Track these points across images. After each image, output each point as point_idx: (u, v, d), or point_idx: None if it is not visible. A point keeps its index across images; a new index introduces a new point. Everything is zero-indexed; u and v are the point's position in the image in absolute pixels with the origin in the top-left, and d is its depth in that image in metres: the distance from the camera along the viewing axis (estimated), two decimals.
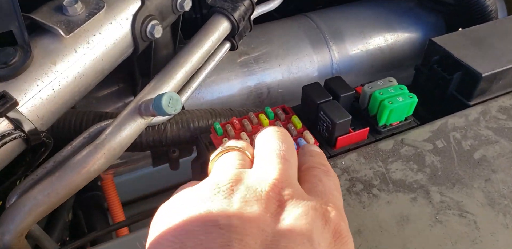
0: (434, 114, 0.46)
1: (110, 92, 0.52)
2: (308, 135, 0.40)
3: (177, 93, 0.37)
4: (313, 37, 0.56)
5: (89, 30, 0.37)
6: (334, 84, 0.42)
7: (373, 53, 0.58)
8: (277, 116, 0.43)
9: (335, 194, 0.26)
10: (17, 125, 0.33)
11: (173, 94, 0.35)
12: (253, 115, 0.43)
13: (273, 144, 0.27)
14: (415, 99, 0.41)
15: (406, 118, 0.43)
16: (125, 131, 0.37)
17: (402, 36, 0.60)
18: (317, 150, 0.30)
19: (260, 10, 0.50)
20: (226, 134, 0.42)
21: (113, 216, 0.62)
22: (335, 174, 0.27)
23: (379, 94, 0.41)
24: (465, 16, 0.60)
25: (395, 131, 0.43)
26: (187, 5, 0.43)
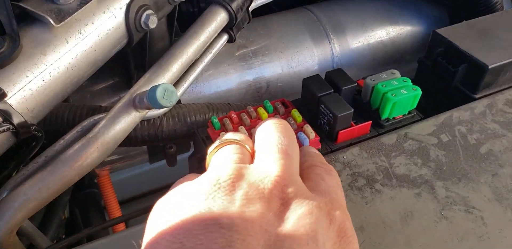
0: (437, 108, 0.44)
1: (105, 87, 0.50)
2: (308, 128, 0.39)
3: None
4: (313, 30, 0.54)
5: (81, 19, 0.35)
6: (335, 76, 0.41)
7: (374, 47, 0.57)
8: (276, 110, 0.42)
9: (338, 192, 0.25)
10: (5, 117, 0.32)
11: (168, 86, 0.34)
12: (251, 109, 0.42)
13: (274, 137, 0.26)
14: (419, 92, 0.40)
15: (409, 112, 0.42)
16: (119, 124, 0.36)
17: (404, 29, 0.58)
18: (315, 151, 0.29)
19: (258, 1, 0.49)
20: (223, 128, 0.41)
21: (110, 213, 0.61)
22: (336, 173, 0.27)
23: (382, 86, 0.40)
24: (469, 8, 0.58)
25: (398, 124, 0.41)
26: None
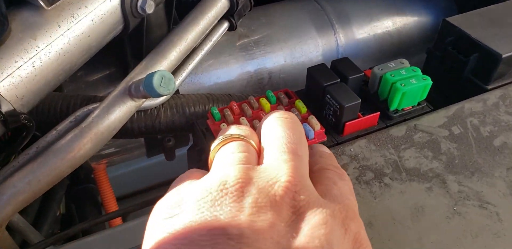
0: (447, 100, 0.42)
1: (100, 77, 0.48)
2: (313, 120, 0.37)
3: None
4: (317, 20, 0.52)
5: (74, 2, 0.33)
6: (341, 65, 0.39)
7: (381, 37, 0.55)
8: (279, 100, 0.40)
9: (351, 198, 0.23)
10: None
11: (165, 73, 0.32)
12: (253, 100, 0.40)
13: (282, 135, 0.23)
14: (429, 82, 0.38)
15: (419, 103, 0.40)
16: (114, 113, 0.34)
17: (411, 19, 0.56)
18: (327, 151, 0.27)
19: None
20: (224, 119, 0.39)
21: (107, 209, 0.60)
22: (349, 178, 0.25)
23: (391, 76, 0.38)
24: None
25: (407, 116, 0.39)
26: None
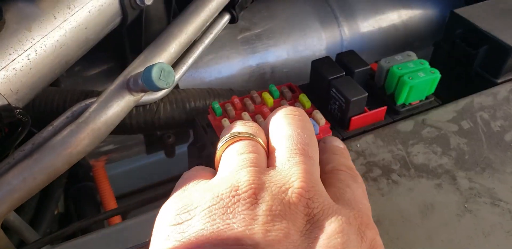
0: (455, 95, 0.41)
1: (99, 72, 0.47)
2: (318, 115, 0.36)
3: None
4: (321, 12, 0.51)
5: None
6: (347, 58, 0.38)
7: (386, 31, 0.53)
8: (282, 95, 0.39)
9: (365, 202, 0.22)
10: None
11: (165, 65, 0.31)
12: (256, 94, 0.39)
13: (292, 134, 0.22)
14: (437, 75, 0.37)
15: (427, 97, 0.39)
16: (112, 108, 0.33)
17: (417, 11, 0.55)
18: (340, 145, 0.26)
19: None
20: (225, 114, 0.38)
21: (106, 207, 0.58)
22: (362, 181, 0.24)
23: (398, 69, 0.37)
24: None
25: (415, 111, 0.38)
26: None
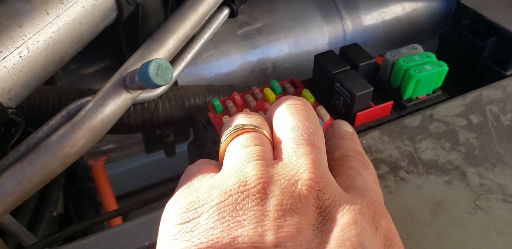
0: (462, 88, 0.40)
1: (95, 70, 0.46)
2: (322, 110, 0.35)
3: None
4: (323, 6, 0.50)
5: None
6: (351, 52, 0.37)
7: (389, 24, 0.52)
8: (285, 90, 0.38)
9: (377, 190, 0.21)
10: None
11: (162, 61, 0.30)
12: (257, 90, 0.38)
13: (296, 124, 0.21)
14: (445, 68, 0.36)
15: (434, 91, 0.38)
16: (108, 106, 0.32)
17: (421, 3, 0.54)
18: (349, 129, 0.25)
19: None
20: (226, 112, 0.37)
21: (106, 208, 0.58)
22: (373, 166, 0.23)
23: (404, 62, 0.36)
24: None
25: (421, 105, 0.37)
26: None
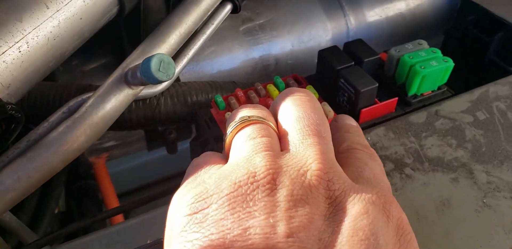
0: (467, 85, 0.39)
1: (97, 66, 0.46)
2: (326, 107, 0.34)
3: None
4: (326, 2, 0.49)
5: None
6: (355, 47, 0.36)
7: (393, 20, 0.52)
8: (288, 86, 0.37)
9: (385, 181, 0.21)
10: None
11: (164, 57, 0.29)
12: (260, 86, 0.37)
13: (302, 115, 0.21)
14: (451, 64, 0.35)
15: (439, 87, 0.37)
16: (109, 102, 0.31)
17: (425, 0, 0.53)
18: (353, 123, 0.24)
19: None
20: (229, 108, 0.36)
21: (107, 205, 0.57)
22: (379, 158, 0.22)
23: (409, 58, 0.35)
24: None
25: (427, 101, 0.37)
26: None
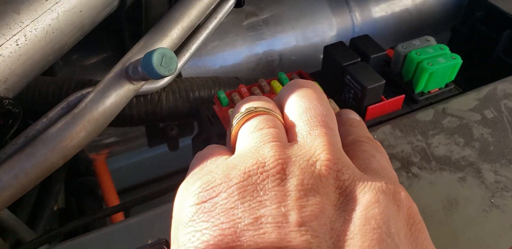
0: (474, 82, 0.39)
1: (97, 60, 0.45)
2: (332, 104, 0.33)
3: None
4: None
5: None
6: (362, 43, 0.35)
7: (399, 16, 0.51)
8: None
9: (392, 172, 0.20)
10: None
11: (166, 51, 0.28)
12: (264, 82, 0.36)
13: (309, 106, 0.21)
14: (459, 61, 0.34)
15: (446, 85, 0.36)
16: (110, 98, 0.31)
17: None
18: (357, 118, 0.25)
19: None
20: (232, 105, 0.36)
21: (107, 202, 0.57)
22: (384, 150, 0.22)
23: (416, 55, 0.34)
24: None
25: (434, 99, 0.36)
26: None
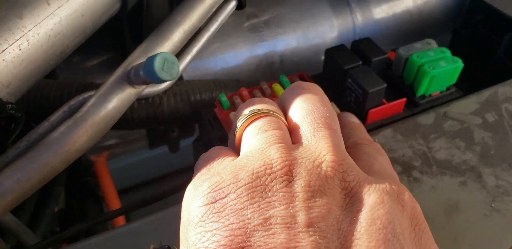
0: (475, 85, 0.39)
1: (98, 63, 0.45)
2: (334, 107, 0.33)
3: None
4: None
5: None
6: (363, 46, 0.35)
7: (400, 17, 0.51)
8: None
9: (394, 174, 0.21)
10: None
11: (168, 55, 0.28)
12: (265, 85, 0.36)
13: (312, 108, 0.21)
14: (460, 64, 0.34)
15: (448, 88, 0.36)
16: (112, 102, 0.31)
17: None
18: (356, 121, 0.25)
19: None
20: (233, 108, 0.36)
21: (107, 204, 0.57)
22: (385, 152, 0.22)
23: (417, 58, 0.34)
24: None
25: (435, 102, 0.36)
26: None
